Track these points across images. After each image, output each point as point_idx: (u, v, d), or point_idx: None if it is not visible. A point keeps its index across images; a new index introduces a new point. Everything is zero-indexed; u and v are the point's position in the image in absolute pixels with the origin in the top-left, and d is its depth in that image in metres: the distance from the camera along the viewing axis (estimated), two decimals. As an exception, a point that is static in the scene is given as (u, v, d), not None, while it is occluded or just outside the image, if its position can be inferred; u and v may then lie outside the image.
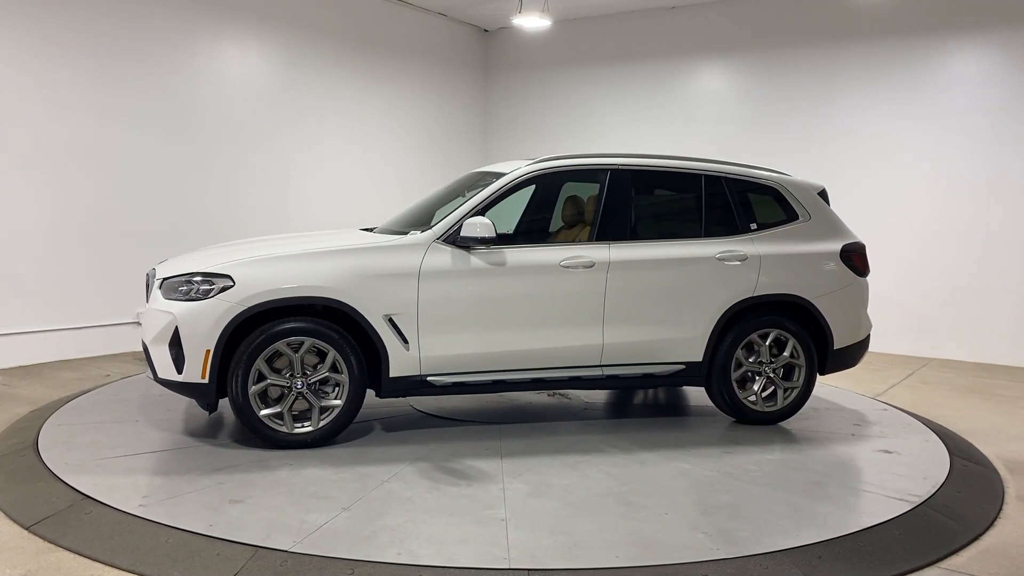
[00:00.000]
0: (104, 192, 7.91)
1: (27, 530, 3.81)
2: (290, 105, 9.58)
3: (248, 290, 4.82)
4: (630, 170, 5.62)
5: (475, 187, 5.62)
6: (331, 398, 5.01)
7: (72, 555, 3.57)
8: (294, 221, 9.48)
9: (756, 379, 5.69)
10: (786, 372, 5.76)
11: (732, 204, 5.71)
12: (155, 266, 5.45)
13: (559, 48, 11.62)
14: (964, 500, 4.47)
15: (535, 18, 10.20)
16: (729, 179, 5.75)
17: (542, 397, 6.48)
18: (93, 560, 3.52)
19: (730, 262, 5.55)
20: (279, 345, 4.86)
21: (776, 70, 9.97)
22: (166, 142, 8.37)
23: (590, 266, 5.31)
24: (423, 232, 5.20)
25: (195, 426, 5.48)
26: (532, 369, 5.29)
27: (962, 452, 5.34)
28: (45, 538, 3.73)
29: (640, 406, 6.47)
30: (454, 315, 5.11)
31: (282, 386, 4.92)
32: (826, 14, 9.62)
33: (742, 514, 4.08)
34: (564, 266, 5.28)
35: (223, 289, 4.82)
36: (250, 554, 3.52)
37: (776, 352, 5.69)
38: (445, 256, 5.12)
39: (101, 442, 5.04)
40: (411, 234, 5.24)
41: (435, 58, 11.48)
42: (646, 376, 5.49)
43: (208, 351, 4.78)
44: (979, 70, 8.78)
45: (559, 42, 11.58)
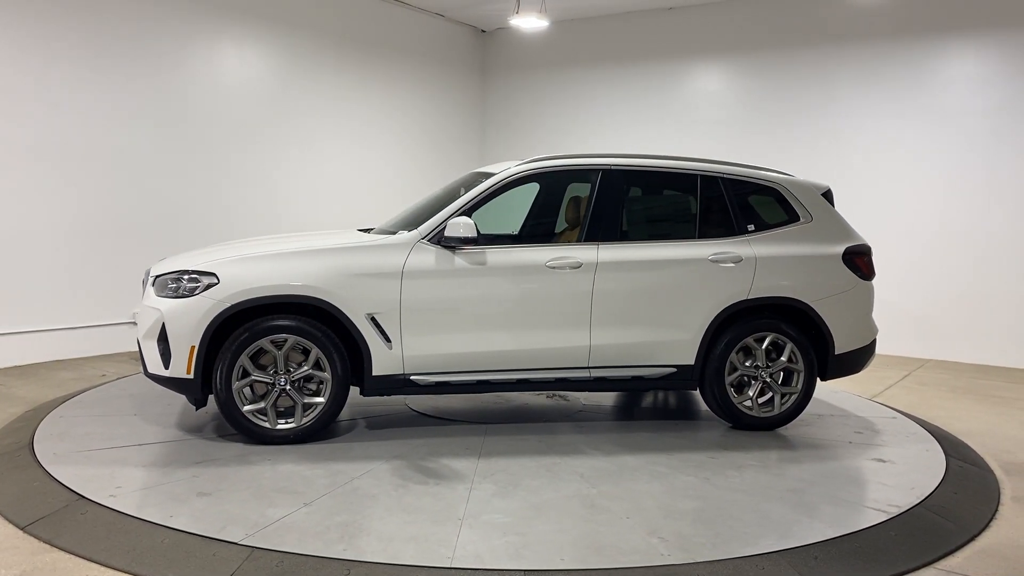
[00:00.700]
0: (100, 192, 7.90)
1: (22, 530, 3.80)
2: (288, 105, 9.58)
3: (232, 288, 4.89)
4: (622, 170, 5.57)
5: (472, 187, 5.62)
6: (314, 395, 5.06)
7: (67, 555, 3.56)
8: (292, 221, 9.48)
9: (752, 384, 5.57)
10: (785, 377, 5.63)
11: (729, 205, 5.59)
12: (153, 264, 5.50)
13: (557, 49, 11.62)
14: (960, 501, 4.48)
15: (532, 19, 10.20)
16: (727, 179, 5.64)
17: (540, 399, 6.47)
18: (89, 560, 3.51)
19: (724, 264, 5.45)
20: (263, 342, 4.93)
21: (774, 71, 9.98)
22: (163, 142, 8.36)
23: (577, 267, 5.26)
24: (409, 232, 5.24)
25: (188, 422, 5.52)
26: (518, 370, 5.26)
27: (958, 453, 5.35)
28: (40, 538, 3.72)
29: (645, 409, 6.41)
30: (437, 315, 5.13)
31: (266, 382, 4.98)
32: (824, 15, 9.63)
33: (706, 520, 4.01)
34: (550, 267, 5.24)
35: (208, 287, 4.91)
36: (246, 554, 3.51)
37: (774, 356, 5.57)
38: (429, 256, 5.13)
39: (97, 442, 5.02)
40: (398, 234, 5.28)
41: (432, 59, 11.47)
42: (636, 379, 5.42)
43: (193, 347, 4.86)
44: (977, 71, 8.80)
45: (557, 43, 11.58)
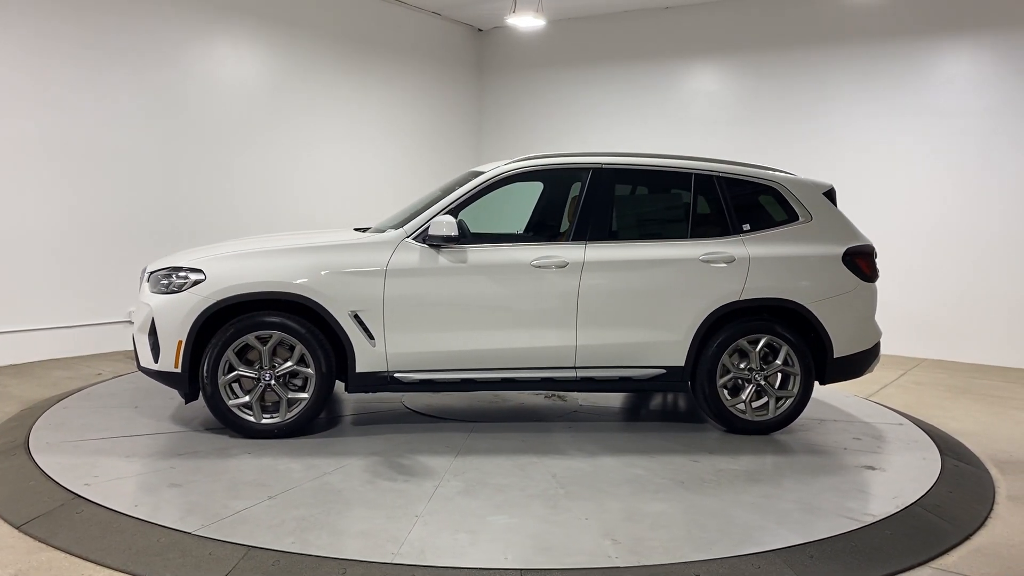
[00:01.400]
0: (95, 191, 7.88)
1: (18, 529, 3.79)
2: (285, 104, 9.56)
3: (218, 284, 4.99)
4: (613, 169, 5.51)
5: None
6: (300, 391, 5.12)
7: (63, 554, 3.55)
8: (290, 220, 9.46)
9: (746, 387, 5.44)
10: (782, 380, 5.49)
11: (724, 204, 5.48)
12: (152, 262, 5.58)
13: (553, 48, 11.62)
14: (956, 500, 4.48)
15: (529, 18, 10.20)
16: (723, 178, 5.52)
17: (538, 399, 6.45)
18: (84, 560, 3.50)
19: (715, 264, 5.33)
20: (248, 338, 5.01)
21: (770, 70, 9.99)
22: (160, 141, 8.34)
23: (563, 266, 5.22)
24: (396, 231, 5.28)
25: (182, 415, 5.61)
26: (503, 369, 5.24)
27: (954, 452, 5.36)
28: (36, 537, 3.71)
29: (648, 411, 6.33)
30: (420, 313, 5.14)
31: (252, 377, 5.06)
32: (820, 15, 9.64)
33: (666, 524, 3.95)
34: (535, 266, 5.21)
35: (195, 283, 5.02)
36: (242, 553, 3.51)
37: (770, 359, 5.44)
38: (414, 254, 5.16)
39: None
40: (385, 232, 5.32)
41: (429, 58, 11.47)
42: (624, 380, 5.35)
43: (180, 342, 4.97)
44: (972, 71, 8.81)
45: (553, 42, 11.58)
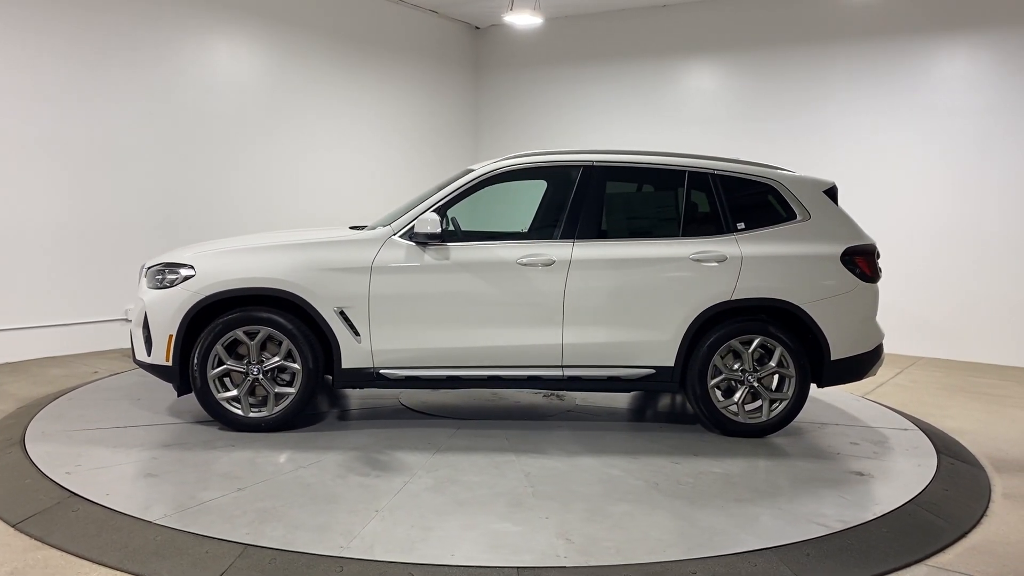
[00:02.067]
0: (91, 189, 7.86)
1: (13, 528, 3.79)
2: (281, 102, 9.54)
3: (207, 280, 5.11)
4: (604, 167, 5.46)
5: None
6: (287, 386, 5.19)
7: (59, 552, 3.55)
8: (287, 219, 9.44)
9: (739, 388, 5.33)
10: (779, 382, 5.37)
11: (718, 202, 5.38)
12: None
13: (551, 46, 11.61)
14: (951, 498, 4.49)
15: (526, 15, 10.19)
16: (717, 176, 5.42)
17: (536, 397, 6.43)
18: (80, 558, 3.50)
19: (706, 263, 5.24)
20: (237, 333, 5.10)
21: (767, 69, 9.99)
22: (156, 139, 8.32)
23: (549, 264, 5.19)
24: (384, 228, 5.33)
25: (178, 408, 5.69)
26: (489, 367, 5.24)
27: (949, 450, 5.37)
28: (32, 535, 3.70)
29: (649, 411, 6.24)
30: (406, 310, 5.17)
31: (240, 372, 5.16)
32: (817, 14, 9.64)
33: (627, 525, 3.90)
34: (521, 264, 5.20)
35: (186, 279, 5.14)
36: (238, 552, 3.51)
37: (765, 360, 5.32)
38: (400, 252, 5.20)
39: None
40: (374, 230, 5.37)
41: (426, 55, 11.45)
42: (613, 379, 5.29)
43: (171, 336, 5.10)
44: (969, 71, 8.82)
45: (551, 40, 11.57)
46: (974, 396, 7.18)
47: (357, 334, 5.14)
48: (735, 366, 5.32)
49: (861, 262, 5.40)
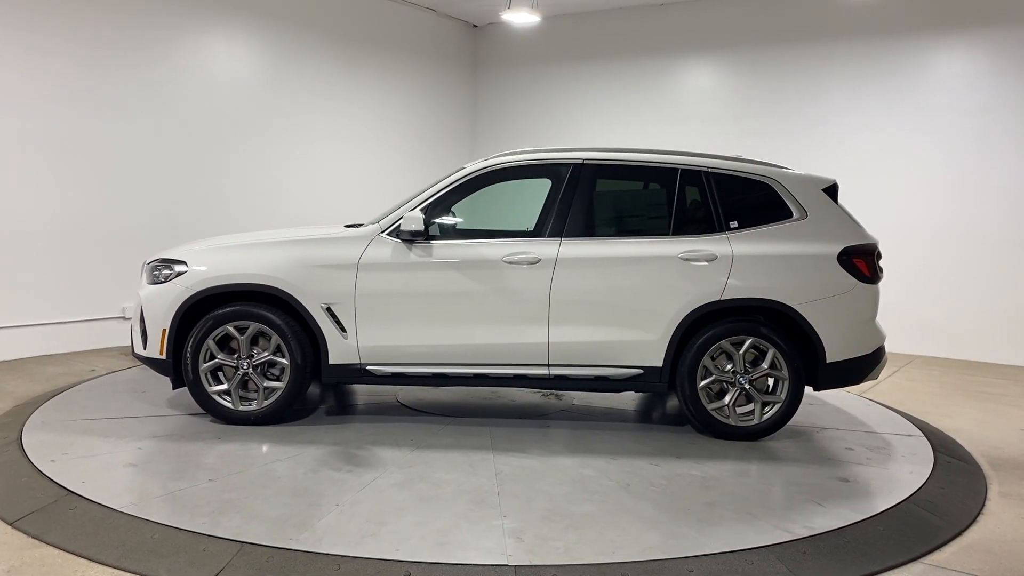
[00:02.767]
0: (87, 187, 7.85)
1: (11, 526, 3.79)
2: (278, 100, 9.54)
3: (198, 276, 5.24)
4: (595, 165, 5.41)
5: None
6: (277, 380, 5.28)
7: (56, 551, 3.55)
8: (283, 217, 9.43)
9: (730, 390, 5.24)
10: (773, 384, 5.28)
11: (711, 200, 5.28)
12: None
13: (548, 44, 11.61)
14: (948, 496, 4.50)
15: (524, 14, 10.20)
16: (711, 173, 5.32)
17: (534, 396, 6.40)
18: (78, 556, 3.50)
19: (695, 262, 5.15)
20: (227, 328, 5.21)
21: (765, 68, 10.00)
22: (153, 137, 8.31)
23: (535, 262, 5.17)
24: (373, 226, 5.38)
25: (177, 401, 5.78)
26: (475, 364, 5.24)
27: (946, 449, 5.38)
28: (29, 534, 3.70)
29: (650, 413, 6.15)
30: (392, 307, 5.21)
31: (231, 366, 5.26)
32: (816, 12, 9.65)
33: (583, 526, 3.86)
34: (507, 262, 5.19)
35: (179, 274, 5.29)
36: (236, 550, 3.51)
37: (759, 362, 5.21)
38: (386, 249, 5.25)
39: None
40: (362, 227, 5.43)
41: (424, 53, 11.45)
42: (600, 379, 5.24)
43: (164, 330, 5.23)
44: (966, 69, 8.83)
45: (548, 38, 11.57)
46: (971, 395, 7.20)
47: (344, 330, 5.20)
48: (727, 367, 5.22)
49: (859, 262, 5.24)
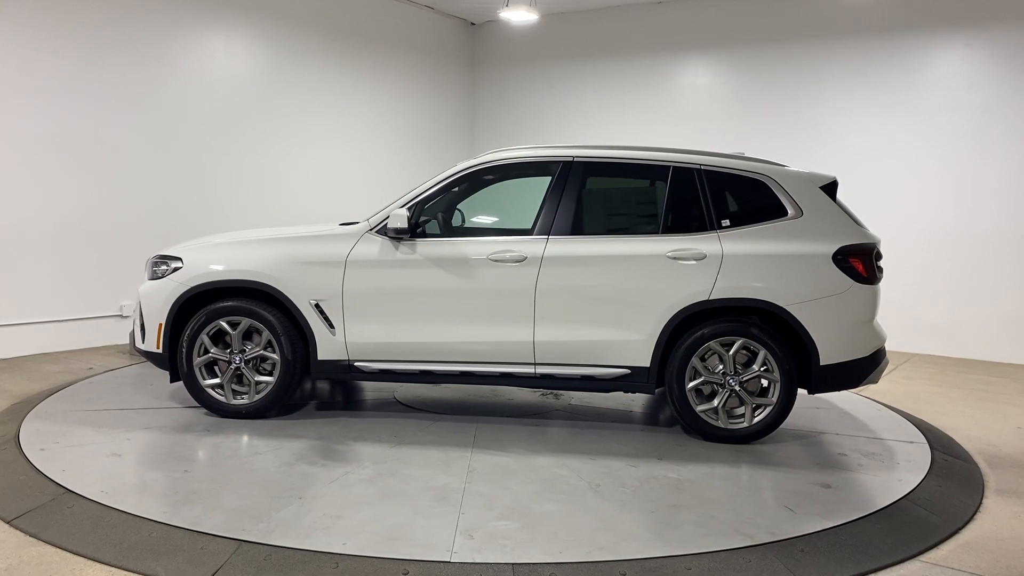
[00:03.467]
0: (85, 185, 7.84)
1: (8, 524, 3.78)
2: (276, 99, 9.52)
3: (192, 272, 5.35)
4: (585, 162, 5.34)
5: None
6: (268, 375, 5.35)
7: (54, 549, 3.54)
8: (280, 215, 9.42)
9: (720, 392, 5.12)
10: (765, 387, 5.16)
11: (703, 198, 5.16)
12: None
13: (546, 42, 11.60)
14: (945, 494, 4.51)
15: (522, 12, 10.19)
16: (704, 171, 5.20)
17: (533, 396, 6.37)
18: (75, 554, 3.49)
19: (684, 261, 5.04)
20: (220, 323, 5.31)
21: (763, 66, 10.00)
22: (150, 135, 8.30)
23: (521, 260, 5.13)
24: (362, 223, 5.43)
25: (180, 395, 5.79)
26: (461, 362, 5.24)
27: (943, 447, 5.39)
28: (27, 532, 3.70)
29: (649, 414, 6.06)
30: (378, 304, 5.24)
31: (224, 360, 5.36)
32: (813, 10, 9.65)
33: (537, 524, 3.83)
34: (493, 260, 5.17)
35: (175, 270, 5.40)
36: (234, 548, 3.51)
37: (751, 364, 5.08)
38: (374, 247, 5.29)
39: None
40: (353, 225, 5.47)
41: (421, 51, 11.44)
42: (586, 378, 5.18)
43: (160, 324, 5.36)
44: (964, 68, 8.84)
45: (546, 36, 11.56)
46: (968, 392, 7.21)
47: (332, 327, 5.25)
48: (718, 369, 5.11)
49: (856, 262, 5.07)
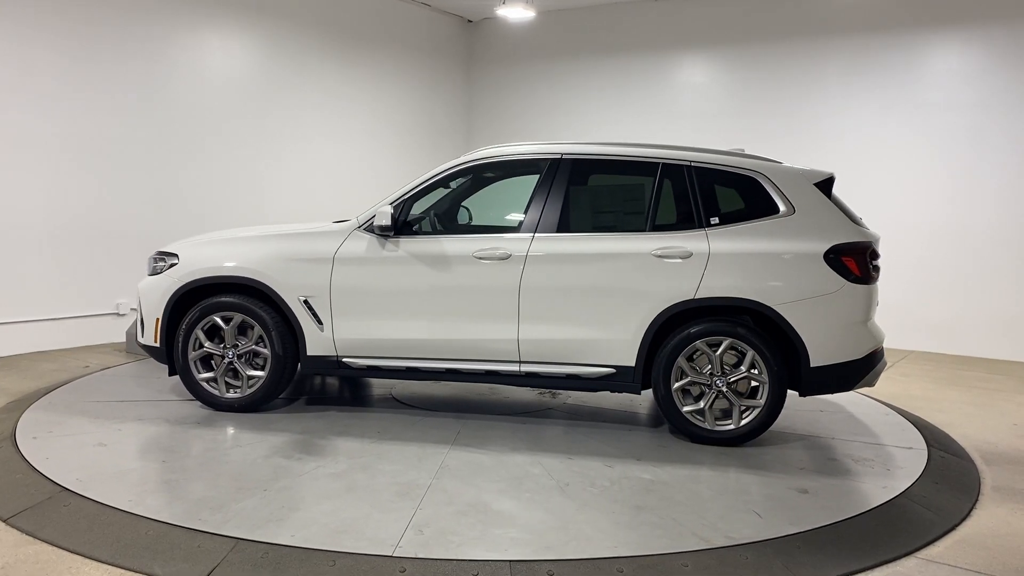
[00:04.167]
0: (81, 184, 7.82)
1: (5, 522, 3.77)
2: (272, 96, 9.51)
3: (186, 268, 5.47)
4: (573, 159, 5.28)
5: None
6: (260, 369, 5.44)
7: (50, 547, 3.54)
8: (276, 213, 9.42)
9: (706, 393, 5.00)
10: (752, 388, 5.04)
11: (692, 195, 5.04)
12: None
13: (544, 39, 11.59)
14: (941, 491, 4.52)
15: (519, 9, 10.18)
16: (694, 167, 5.09)
17: (532, 394, 6.34)
18: (72, 553, 3.49)
19: (669, 259, 4.94)
20: (214, 318, 5.40)
21: (759, 64, 10.00)
22: (147, 134, 8.28)
23: (505, 258, 5.10)
24: (351, 221, 5.47)
25: (181, 389, 5.84)
26: (447, 359, 5.25)
27: (940, 443, 5.40)
28: (23, 530, 3.69)
29: (644, 415, 5.93)
30: (365, 301, 5.28)
31: (218, 354, 5.45)
32: (810, 8, 9.65)
33: (493, 522, 3.80)
34: (478, 257, 5.15)
35: (171, 266, 5.53)
36: (231, 546, 3.51)
37: (740, 365, 4.95)
38: (362, 244, 5.33)
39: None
40: (343, 222, 5.52)
41: (419, 49, 11.42)
42: (572, 377, 5.13)
43: (158, 319, 5.49)
44: (960, 66, 8.84)
45: (544, 33, 11.55)
46: (964, 389, 7.22)
47: (320, 323, 5.32)
48: (706, 369, 4.99)
49: (849, 261, 4.87)
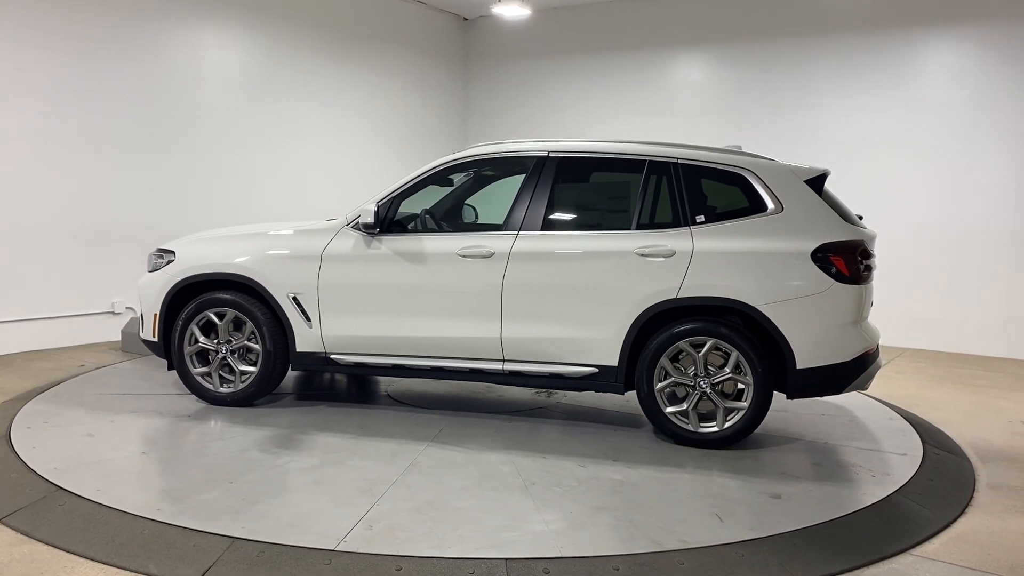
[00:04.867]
0: (76, 182, 7.80)
1: (0, 522, 3.78)
2: (269, 94, 9.49)
3: (182, 265, 5.58)
4: (560, 157, 5.23)
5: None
6: (252, 365, 5.54)
7: (46, 547, 3.53)
8: (272, 212, 9.40)
9: (690, 395, 4.92)
10: (738, 390, 4.90)
11: (678, 192, 4.96)
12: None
13: (539, 37, 11.58)
14: (936, 488, 4.53)
15: (515, 7, 10.18)
16: (681, 165, 5.00)
17: (527, 393, 6.30)
18: (67, 552, 3.48)
19: (652, 258, 4.87)
20: (208, 314, 5.50)
21: (755, 61, 10.00)
22: (143, 132, 8.26)
23: (488, 256, 5.10)
24: (340, 219, 5.52)
25: (177, 383, 5.91)
26: (432, 357, 5.27)
27: (934, 440, 5.41)
28: (18, 530, 3.68)
29: (638, 416, 5.81)
30: (352, 298, 5.33)
31: (212, 350, 5.56)
32: (804, 6, 9.66)
33: (448, 519, 3.80)
34: (462, 255, 5.16)
35: (168, 263, 5.65)
36: (226, 545, 3.50)
37: (724, 365, 4.85)
38: (349, 241, 5.38)
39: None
40: (335, 220, 5.58)
41: (414, 47, 11.41)
42: (555, 376, 5.11)
43: (156, 315, 5.61)
44: (955, 63, 8.85)
45: (539, 31, 11.54)
46: (959, 387, 7.24)
47: (308, 320, 5.39)
48: (690, 370, 4.91)
49: (837, 260, 4.73)
